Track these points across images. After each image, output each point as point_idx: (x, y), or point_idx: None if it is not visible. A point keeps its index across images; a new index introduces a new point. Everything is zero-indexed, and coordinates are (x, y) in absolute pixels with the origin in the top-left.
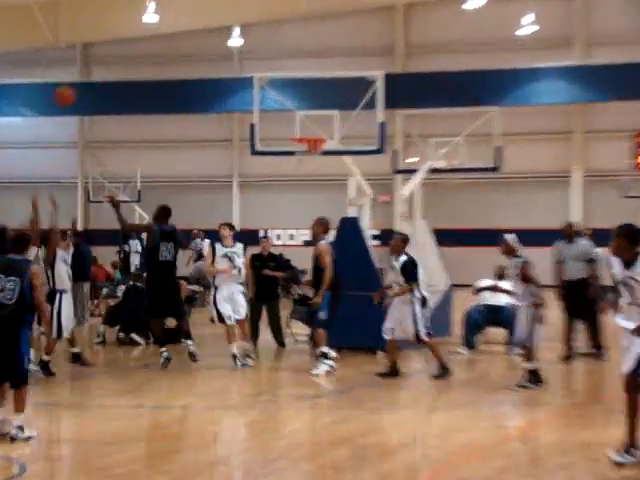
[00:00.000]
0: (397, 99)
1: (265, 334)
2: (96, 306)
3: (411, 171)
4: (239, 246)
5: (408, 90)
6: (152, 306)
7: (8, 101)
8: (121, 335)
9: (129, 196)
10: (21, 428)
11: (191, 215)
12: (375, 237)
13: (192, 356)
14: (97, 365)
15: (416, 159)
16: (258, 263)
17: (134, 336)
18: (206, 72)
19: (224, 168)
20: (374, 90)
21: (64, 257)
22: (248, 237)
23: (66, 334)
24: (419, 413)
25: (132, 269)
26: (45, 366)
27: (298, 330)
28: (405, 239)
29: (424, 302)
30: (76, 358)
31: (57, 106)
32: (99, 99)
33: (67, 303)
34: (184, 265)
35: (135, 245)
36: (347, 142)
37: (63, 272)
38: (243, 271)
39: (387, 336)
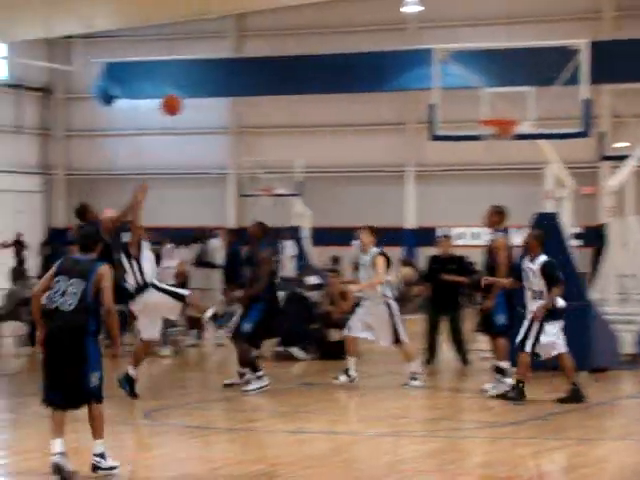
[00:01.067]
0: (605, 72)
1: (445, 349)
2: None
3: (621, 157)
4: (372, 252)
5: (618, 61)
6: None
7: (152, 81)
8: (280, 349)
9: (288, 189)
10: (102, 456)
11: (357, 210)
12: (577, 236)
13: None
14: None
15: (627, 143)
16: (436, 266)
17: (295, 350)
18: (376, 44)
19: (396, 156)
20: (577, 62)
21: (149, 247)
22: (424, 236)
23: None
24: (633, 445)
25: (284, 274)
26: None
27: (484, 345)
28: (539, 235)
29: (555, 314)
30: (125, 382)
31: (165, 113)
32: (254, 77)
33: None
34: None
35: (289, 248)
36: (544, 124)
37: (150, 265)
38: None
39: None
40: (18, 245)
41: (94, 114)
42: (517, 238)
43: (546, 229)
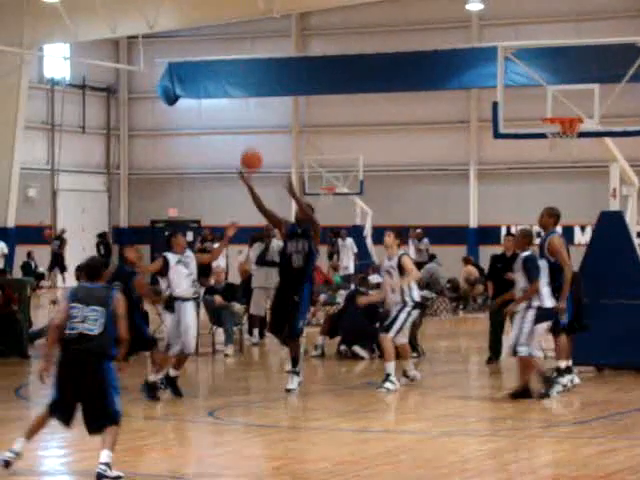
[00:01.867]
0: None
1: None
2: (313, 314)
3: None
4: (398, 254)
5: None
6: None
7: (214, 80)
8: (342, 348)
9: (349, 187)
10: (108, 465)
11: (420, 209)
12: None
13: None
14: (316, 382)
15: None
16: (500, 265)
17: (357, 349)
18: (439, 42)
19: (459, 154)
20: None
21: (177, 259)
22: (487, 235)
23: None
24: None
25: (341, 271)
26: (171, 382)
27: (549, 344)
28: (528, 234)
29: (542, 315)
30: (169, 383)
31: (245, 169)
32: (316, 76)
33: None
34: None
35: (347, 244)
36: (610, 121)
37: (178, 278)
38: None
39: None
40: (57, 240)
41: (157, 113)
42: (582, 237)
43: (611, 228)
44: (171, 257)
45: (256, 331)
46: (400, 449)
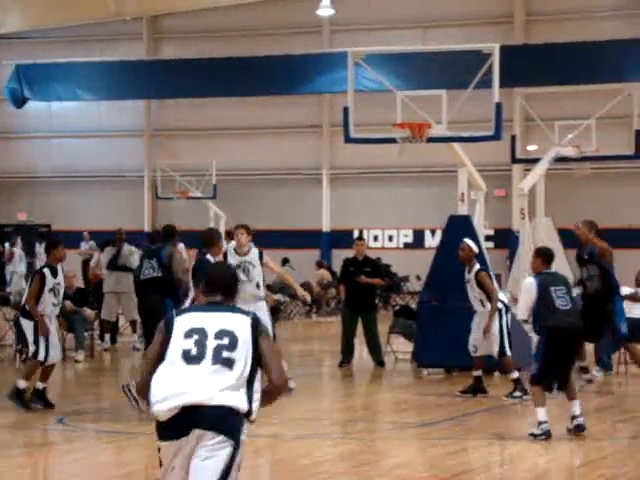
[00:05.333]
0: (516, 76)
1: (361, 351)
2: None
3: (533, 160)
4: (254, 252)
5: (529, 65)
6: None
7: (64, 83)
8: None
9: (203, 192)
10: None
11: (274, 213)
12: (489, 238)
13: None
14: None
15: (538, 146)
16: (352, 268)
17: None
18: (291, 47)
19: (312, 159)
20: (489, 66)
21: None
22: (340, 239)
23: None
24: (544, 444)
25: None
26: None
27: (399, 346)
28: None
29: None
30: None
31: None
32: (168, 80)
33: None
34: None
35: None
36: (457, 127)
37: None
38: (262, 285)
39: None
40: None
41: (6, 116)
42: (432, 240)
43: (459, 232)
44: (48, 279)
45: (107, 336)
46: (256, 453)
